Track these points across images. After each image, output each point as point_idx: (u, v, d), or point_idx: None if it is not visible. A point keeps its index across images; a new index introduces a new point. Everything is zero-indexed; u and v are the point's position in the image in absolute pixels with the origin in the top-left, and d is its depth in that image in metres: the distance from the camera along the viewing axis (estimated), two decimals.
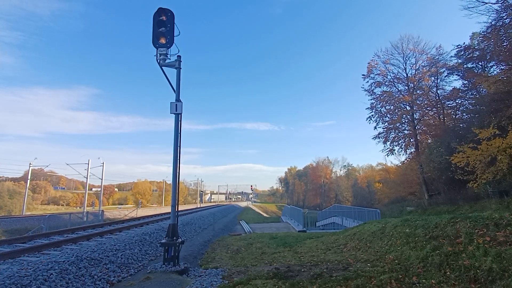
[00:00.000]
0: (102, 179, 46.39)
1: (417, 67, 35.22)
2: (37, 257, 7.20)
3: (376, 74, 37.79)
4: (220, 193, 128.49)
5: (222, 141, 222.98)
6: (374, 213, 16.56)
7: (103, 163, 46.48)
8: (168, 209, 48.27)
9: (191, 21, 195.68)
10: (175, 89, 8.15)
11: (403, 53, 35.79)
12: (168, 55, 8.15)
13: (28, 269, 5.45)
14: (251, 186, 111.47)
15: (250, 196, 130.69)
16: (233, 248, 10.27)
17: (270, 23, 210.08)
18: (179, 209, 7.75)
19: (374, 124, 37.64)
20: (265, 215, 58.18)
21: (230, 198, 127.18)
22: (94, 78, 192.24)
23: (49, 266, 5.75)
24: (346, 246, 9.02)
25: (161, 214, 25.65)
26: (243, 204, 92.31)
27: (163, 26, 8.04)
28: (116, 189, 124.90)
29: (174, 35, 8.09)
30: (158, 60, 8.07)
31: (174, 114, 7.95)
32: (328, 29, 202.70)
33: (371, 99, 37.93)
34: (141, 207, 51.68)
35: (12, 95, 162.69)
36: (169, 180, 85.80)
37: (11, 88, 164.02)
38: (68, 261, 6.24)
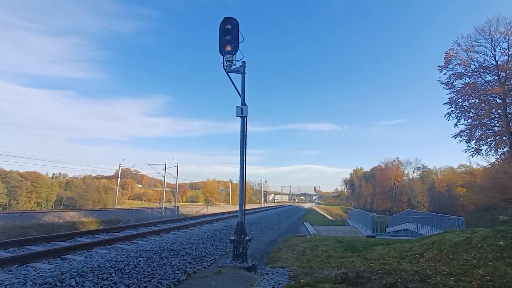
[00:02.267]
0: (177, 178, 50.77)
1: (510, 53, 30.02)
2: (128, 245, 8.26)
3: (455, 65, 33.32)
4: (284, 194, 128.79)
5: (284, 142, 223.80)
6: (456, 221, 14.63)
7: (177, 164, 50.87)
8: (234, 207, 50.35)
9: (254, 25, 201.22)
10: (240, 93, 8.49)
11: (491, 38, 30.85)
12: (234, 61, 8.53)
13: (122, 255, 6.29)
14: (315, 187, 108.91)
15: (314, 197, 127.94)
16: (299, 249, 10.20)
17: (333, 25, 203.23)
18: (245, 208, 8.04)
19: (455, 121, 33.23)
20: (329, 217, 56.30)
21: (293, 199, 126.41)
22: (168, 87, 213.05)
23: (138, 254, 6.54)
24: (423, 255, 8.17)
25: (229, 212, 26.90)
26: (307, 205, 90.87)
27: (229, 34, 8.45)
28: (188, 187, 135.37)
29: (239, 42, 8.44)
30: (225, 67, 8.51)
31: (240, 117, 8.28)
32: (393, 31, 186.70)
33: (450, 93, 33.57)
34: (210, 204, 55.00)
35: (104, 106, 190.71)
36: (235, 180, 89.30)
37: (103, 100, 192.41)
38: (152, 250, 7.02)
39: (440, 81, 34.50)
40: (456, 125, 33.25)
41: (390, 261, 7.93)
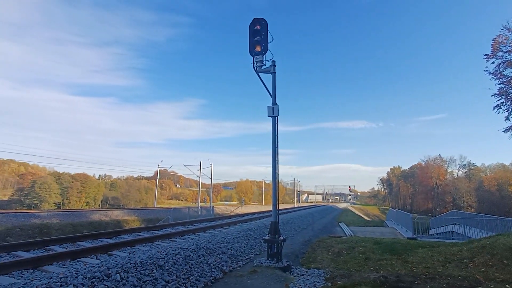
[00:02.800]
0: (211, 178, 52.05)
1: None
2: (167, 243, 8.61)
3: (505, 52, 30.32)
4: (317, 194, 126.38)
5: (316, 141, 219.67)
6: (510, 223, 13.32)
7: (211, 165, 52.13)
8: (267, 207, 50.41)
9: (283, 24, 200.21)
10: (271, 93, 8.47)
11: None
12: (264, 62, 8.53)
13: (162, 252, 6.56)
14: (349, 187, 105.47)
15: (349, 197, 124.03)
16: (334, 251, 9.92)
17: (366, 19, 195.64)
18: (279, 208, 8.00)
19: (505, 113, 30.29)
20: (366, 218, 54.18)
21: (327, 199, 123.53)
22: (200, 90, 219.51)
23: (176, 252, 6.79)
24: (472, 260, 7.53)
25: (262, 212, 26.97)
26: (341, 205, 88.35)
27: (258, 35, 8.47)
28: (222, 188, 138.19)
29: (268, 42, 8.43)
30: (255, 68, 8.54)
31: (271, 117, 8.26)
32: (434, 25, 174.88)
33: (499, 83, 30.60)
34: (244, 204, 55.69)
35: (142, 111, 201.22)
36: (268, 180, 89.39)
37: (142, 105, 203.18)
38: (190, 248, 7.24)
39: (487, 71, 31.48)
40: (507, 118, 30.29)
41: (434, 265, 7.42)
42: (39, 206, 66.37)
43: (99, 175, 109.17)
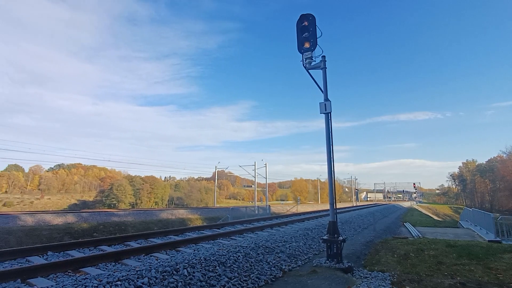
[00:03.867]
0: (266, 178, 52.63)
1: None
2: (227, 241, 8.93)
3: None
4: (377, 191, 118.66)
5: (373, 137, 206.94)
6: None
7: (265, 164, 52.74)
8: (324, 206, 49.05)
9: (332, 16, 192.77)
10: (322, 89, 8.20)
11: None
12: (313, 58, 8.29)
13: (223, 250, 6.83)
14: (414, 184, 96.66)
15: (414, 195, 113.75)
16: (400, 253, 9.17)
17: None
18: (336, 207, 7.69)
19: None
20: (435, 218, 49.11)
21: (389, 197, 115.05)
22: (252, 92, 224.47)
23: (237, 249, 7.00)
24: None
25: (319, 211, 26.33)
26: (406, 204, 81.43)
27: (306, 31, 8.26)
28: (277, 187, 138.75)
29: (317, 37, 8.16)
30: (304, 65, 8.35)
31: (323, 113, 7.99)
32: None
33: None
34: (299, 203, 55.02)
35: (199, 116, 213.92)
36: (323, 178, 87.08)
37: (198, 110, 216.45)
38: (249, 246, 7.40)
39: None
40: None
41: None
42: (117, 206, 74.86)
43: (165, 177, 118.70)
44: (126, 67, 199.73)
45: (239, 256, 6.62)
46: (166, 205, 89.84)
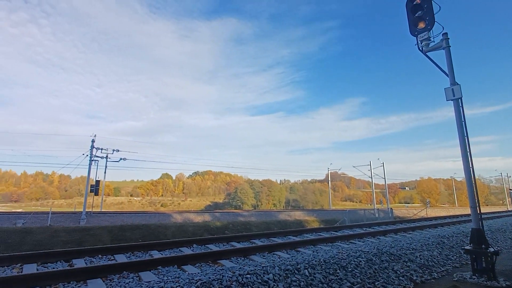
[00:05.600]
0: (384, 178, 47.68)
1: None
2: (347, 244, 8.56)
3: None
4: None
5: None
6: None
7: (383, 163, 47.85)
8: (463, 210, 40.46)
9: None
10: (447, 72, 6.87)
11: None
12: (431, 38, 7.07)
13: (343, 253, 6.57)
14: None
15: None
16: None
17: None
18: (481, 211, 6.22)
19: None
20: None
21: None
22: (359, 89, 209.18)
23: (357, 254, 6.61)
24: None
25: (455, 216, 21.95)
26: None
27: (419, 9, 7.15)
28: (398, 188, 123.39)
29: (434, 13, 6.93)
30: (420, 47, 7.22)
31: (451, 100, 6.67)
32: None
33: None
34: (429, 206, 47.14)
35: (307, 118, 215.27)
36: (458, 177, 72.11)
37: (306, 113, 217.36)
38: (371, 252, 6.86)
39: None
40: None
41: None
42: (241, 207, 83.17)
43: (280, 180, 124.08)
44: (238, 83, 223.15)
45: (360, 261, 6.23)
46: (283, 207, 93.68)
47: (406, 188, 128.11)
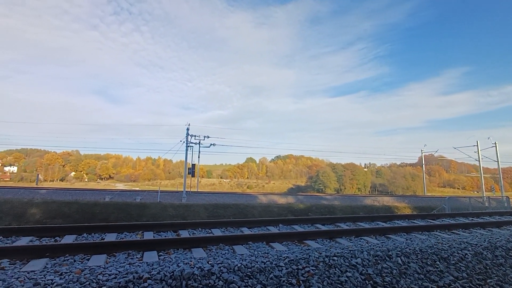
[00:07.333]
0: (498, 161, 39.24)
1: None
2: (448, 234, 7.52)
3: None
4: None
5: None
6: None
7: (495, 143, 39.33)
8: None
9: None
10: None
11: None
12: None
13: (443, 244, 5.82)
14: None
15: None
16: None
17: None
18: None
19: None
20: None
21: None
22: (460, 56, 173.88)
23: (462, 246, 5.75)
24: None
25: None
26: None
27: None
28: None
29: None
30: None
31: None
32: None
33: None
34: None
35: (394, 96, 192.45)
36: None
37: (392, 91, 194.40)
38: (481, 245, 5.87)
39: None
40: None
41: None
42: (323, 191, 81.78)
43: (365, 164, 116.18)
44: (316, 65, 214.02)
45: (466, 254, 5.41)
46: (369, 192, 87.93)
47: None
